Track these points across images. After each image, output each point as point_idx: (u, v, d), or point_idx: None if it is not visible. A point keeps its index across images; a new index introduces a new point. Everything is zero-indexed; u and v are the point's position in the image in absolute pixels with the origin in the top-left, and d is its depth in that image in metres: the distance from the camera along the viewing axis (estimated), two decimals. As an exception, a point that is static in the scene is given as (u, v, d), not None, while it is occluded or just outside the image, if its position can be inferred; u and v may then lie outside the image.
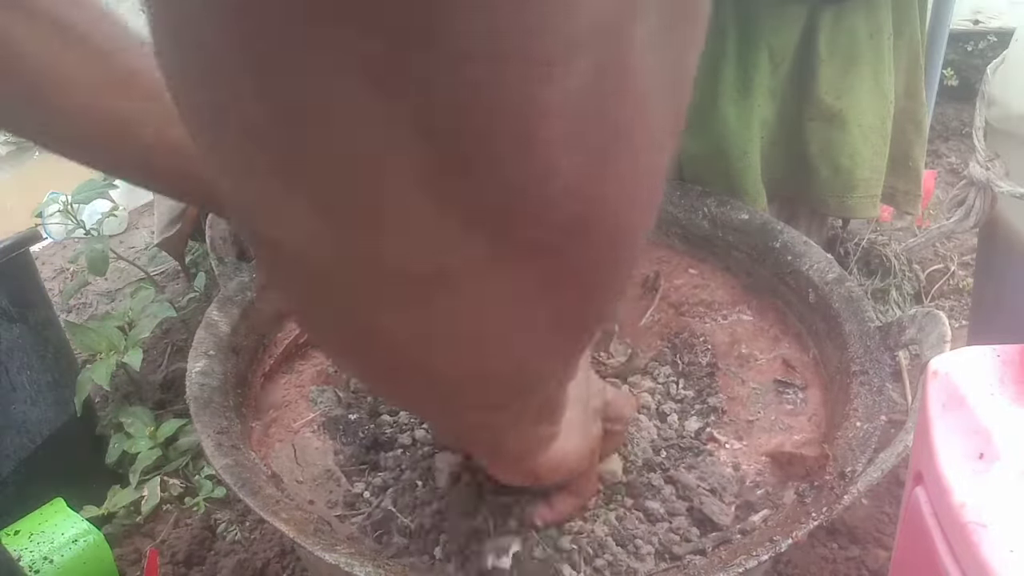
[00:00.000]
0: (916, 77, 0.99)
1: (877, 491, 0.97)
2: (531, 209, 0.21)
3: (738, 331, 0.79)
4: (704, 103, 0.87)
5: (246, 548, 0.97)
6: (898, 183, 1.02)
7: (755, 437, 0.67)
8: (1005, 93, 0.83)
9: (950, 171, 1.81)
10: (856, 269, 1.32)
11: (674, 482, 0.62)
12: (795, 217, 1.00)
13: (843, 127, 0.90)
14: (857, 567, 0.91)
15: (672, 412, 0.69)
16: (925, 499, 0.42)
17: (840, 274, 0.76)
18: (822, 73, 0.88)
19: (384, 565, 0.51)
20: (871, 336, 0.69)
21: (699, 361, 0.74)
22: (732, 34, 0.86)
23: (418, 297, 0.23)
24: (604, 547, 0.57)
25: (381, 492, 0.62)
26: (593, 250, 0.24)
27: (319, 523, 0.57)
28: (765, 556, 0.52)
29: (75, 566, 0.90)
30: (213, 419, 0.62)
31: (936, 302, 1.39)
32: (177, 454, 1.10)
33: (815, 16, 0.87)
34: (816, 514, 0.55)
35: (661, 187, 0.27)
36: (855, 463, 0.58)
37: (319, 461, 0.65)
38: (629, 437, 0.65)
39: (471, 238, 0.21)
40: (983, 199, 0.87)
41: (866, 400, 0.64)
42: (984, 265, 1.00)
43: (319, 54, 0.17)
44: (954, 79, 2.01)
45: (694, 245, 0.90)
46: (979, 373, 0.43)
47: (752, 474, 0.64)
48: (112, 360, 1.05)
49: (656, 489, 0.61)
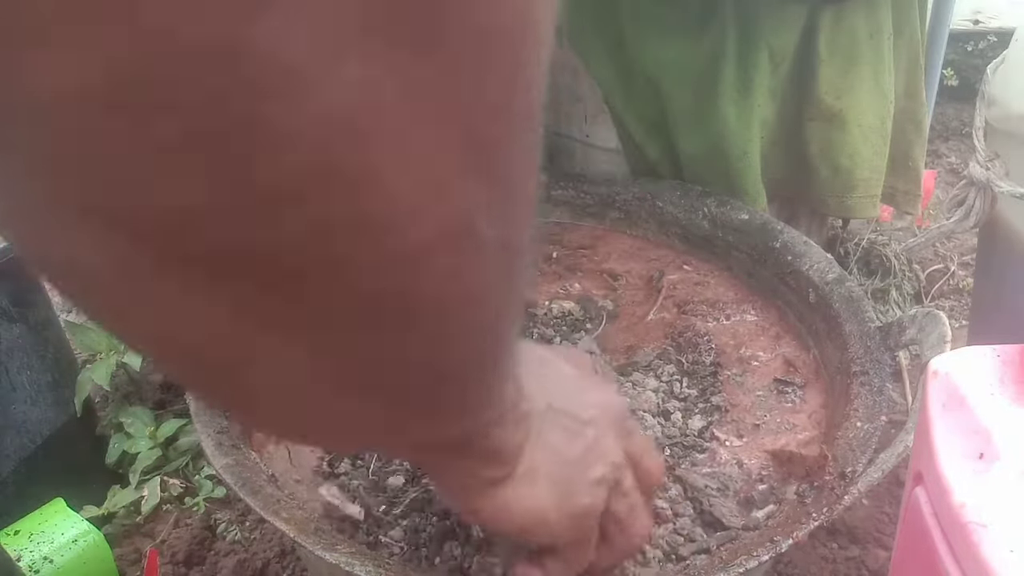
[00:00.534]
0: (916, 77, 0.99)
1: (877, 491, 0.97)
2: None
3: (740, 330, 0.79)
4: (704, 103, 0.87)
5: (246, 548, 0.97)
6: (898, 183, 1.02)
7: (757, 436, 0.67)
8: (1005, 93, 0.83)
9: (950, 171, 1.81)
10: (856, 269, 1.32)
11: (681, 481, 0.62)
12: (795, 217, 1.00)
13: (843, 127, 0.90)
14: (857, 567, 0.91)
15: (676, 410, 0.69)
16: (925, 499, 0.42)
17: (840, 274, 0.76)
18: (822, 73, 0.88)
19: (384, 565, 0.51)
20: (871, 336, 0.69)
21: (702, 360, 0.75)
22: (732, 34, 0.86)
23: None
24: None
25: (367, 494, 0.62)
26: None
27: (319, 522, 0.57)
28: (765, 556, 0.52)
29: (75, 566, 0.90)
30: (213, 419, 0.62)
31: (936, 302, 1.39)
32: (177, 454, 1.10)
33: (815, 16, 0.87)
34: (816, 514, 0.55)
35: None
36: (855, 463, 0.58)
37: (312, 464, 0.66)
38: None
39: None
40: (983, 199, 0.87)
41: (866, 400, 0.64)
42: (984, 265, 1.00)
43: None
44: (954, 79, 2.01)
45: (694, 245, 0.90)
46: (979, 373, 0.43)
47: (756, 471, 0.64)
48: (112, 360, 1.05)
49: (660, 489, 0.61)
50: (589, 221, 0.96)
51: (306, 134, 0.18)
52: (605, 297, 0.84)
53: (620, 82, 0.93)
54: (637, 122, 0.94)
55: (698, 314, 0.81)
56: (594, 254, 0.91)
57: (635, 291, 0.85)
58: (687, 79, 0.88)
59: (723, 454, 0.65)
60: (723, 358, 0.75)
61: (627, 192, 0.94)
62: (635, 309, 0.83)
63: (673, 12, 0.88)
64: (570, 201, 0.96)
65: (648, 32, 0.89)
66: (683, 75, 0.89)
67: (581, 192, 0.96)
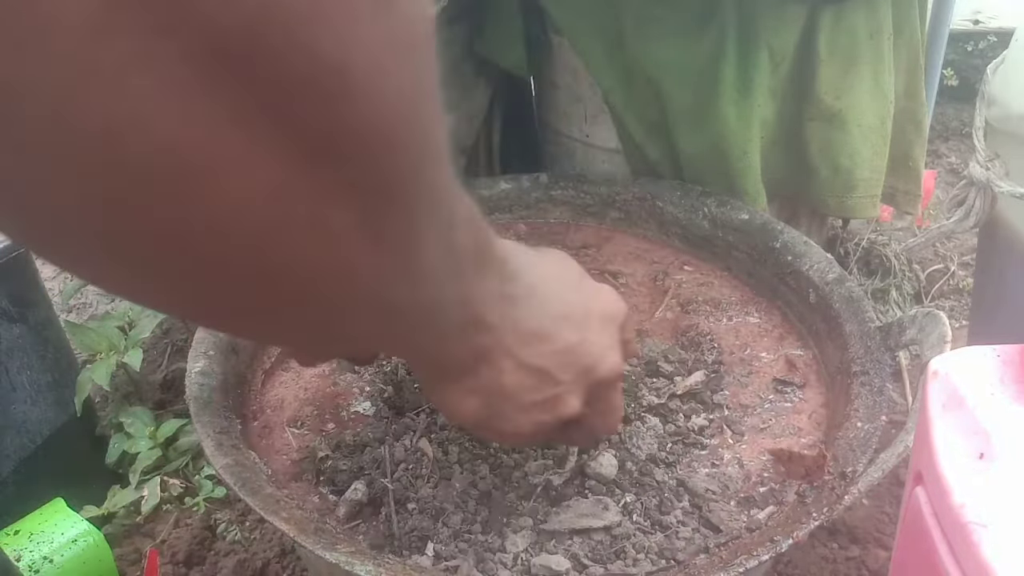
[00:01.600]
0: (916, 77, 0.99)
1: (877, 491, 0.97)
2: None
3: (743, 330, 0.79)
4: (704, 103, 0.88)
5: (246, 548, 0.97)
6: (898, 183, 1.02)
7: (758, 435, 0.67)
8: (1005, 93, 0.83)
9: (950, 171, 1.81)
10: (856, 269, 1.32)
11: (684, 487, 0.62)
12: (795, 217, 1.00)
13: (843, 127, 0.91)
14: (857, 567, 0.91)
15: (678, 409, 0.69)
16: (925, 499, 0.42)
17: (840, 274, 0.76)
18: (822, 73, 0.88)
19: (384, 564, 0.51)
20: (871, 336, 0.69)
21: (705, 359, 0.75)
22: (732, 34, 0.86)
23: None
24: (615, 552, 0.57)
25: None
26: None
27: (319, 522, 0.57)
28: (765, 556, 0.52)
29: (75, 566, 0.90)
30: (213, 419, 0.63)
31: (936, 302, 1.39)
32: (177, 454, 1.10)
33: (815, 16, 0.87)
34: (817, 514, 0.55)
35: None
36: (856, 463, 0.58)
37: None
38: (634, 432, 0.65)
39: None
40: (983, 199, 0.87)
41: (867, 400, 0.64)
42: (984, 265, 1.00)
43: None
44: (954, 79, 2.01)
45: (694, 245, 0.90)
46: (979, 373, 0.43)
47: (756, 471, 0.64)
48: (112, 360, 1.05)
49: (660, 487, 0.61)
50: (590, 221, 0.96)
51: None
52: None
53: (620, 82, 0.93)
54: (637, 122, 0.94)
55: (701, 313, 0.81)
56: (598, 254, 0.91)
57: (639, 291, 0.85)
58: (687, 79, 0.88)
59: (723, 453, 0.66)
60: (726, 357, 0.75)
61: (627, 192, 0.94)
62: (639, 308, 0.83)
63: (673, 12, 0.88)
64: (570, 201, 0.96)
65: (648, 32, 0.89)
66: (683, 75, 0.89)
67: (581, 192, 0.96)
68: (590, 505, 0.59)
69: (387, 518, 0.59)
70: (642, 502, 0.60)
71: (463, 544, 0.57)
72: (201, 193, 0.23)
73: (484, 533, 0.58)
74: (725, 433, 0.68)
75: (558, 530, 0.58)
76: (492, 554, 0.56)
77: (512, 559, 0.56)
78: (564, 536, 0.58)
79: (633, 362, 0.73)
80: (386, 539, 0.58)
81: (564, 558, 0.56)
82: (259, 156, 0.24)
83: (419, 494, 0.60)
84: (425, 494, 0.60)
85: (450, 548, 0.57)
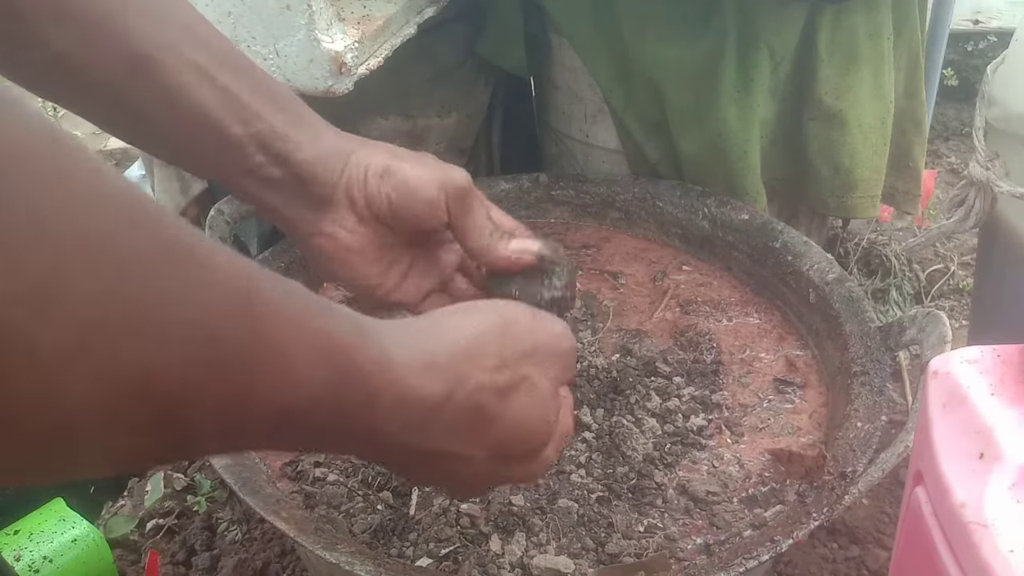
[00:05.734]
0: (916, 77, 0.99)
1: (877, 491, 0.97)
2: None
3: (742, 331, 0.79)
4: (704, 103, 0.87)
5: (246, 548, 0.97)
6: (898, 183, 1.02)
7: (758, 435, 0.67)
8: (1005, 93, 0.83)
9: (950, 171, 1.81)
10: (856, 269, 1.32)
11: (685, 491, 0.62)
12: (795, 217, 1.00)
13: (843, 127, 0.90)
14: (857, 567, 0.91)
15: (677, 409, 0.69)
16: (925, 499, 0.42)
17: (840, 274, 0.76)
18: (822, 73, 0.88)
19: (384, 564, 0.51)
20: (871, 336, 0.69)
21: (704, 359, 0.75)
22: (732, 34, 0.86)
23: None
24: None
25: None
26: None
27: (319, 522, 0.57)
28: (765, 556, 0.52)
29: (75, 566, 0.90)
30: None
31: (936, 302, 1.39)
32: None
33: (815, 16, 0.87)
34: (817, 514, 0.55)
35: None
36: (856, 463, 0.58)
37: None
38: (630, 433, 0.65)
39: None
40: (983, 199, 0.87)
41: (867, 400, 0.64)
42: (984, 265, 1.00)
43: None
44: (954, 79, 2.01)
45: (694, 245, 0.90)
46: (979, 373, 0.43)
47: (757, 471, 0.64)
48: (112, 360, 1.05)
49: (661, 489, 0.61)
50: (589, 221, 0.96)
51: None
52: (609, 298, 0.84)
53: (620, 82, 0.93)
54: (637, 122, 0.94)
55: (701, 313, 0.81)
56: (598, 254, 0.91)
57: (638, 291, 0.85)
58: (687, 79, 0.88)
59: (725, 453, 0.66)
60: (725, 358, 0.76)
61: (627, 192, 0.94)
62: (638, 308, 0.83)
63: (673, 12, 0.88)
64: (570, 201, 0.96)
65: (648, 32, 0.89)
66: (683, 75, 0.89)
67: (581, 192, 0.96)
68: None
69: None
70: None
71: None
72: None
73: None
74: (724, 433, 0.68)
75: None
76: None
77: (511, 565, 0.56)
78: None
79: (633, 362, 0.73)
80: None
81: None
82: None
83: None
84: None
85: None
